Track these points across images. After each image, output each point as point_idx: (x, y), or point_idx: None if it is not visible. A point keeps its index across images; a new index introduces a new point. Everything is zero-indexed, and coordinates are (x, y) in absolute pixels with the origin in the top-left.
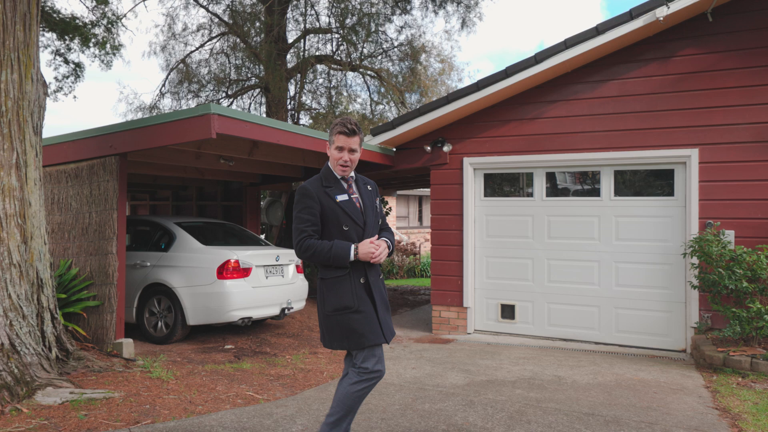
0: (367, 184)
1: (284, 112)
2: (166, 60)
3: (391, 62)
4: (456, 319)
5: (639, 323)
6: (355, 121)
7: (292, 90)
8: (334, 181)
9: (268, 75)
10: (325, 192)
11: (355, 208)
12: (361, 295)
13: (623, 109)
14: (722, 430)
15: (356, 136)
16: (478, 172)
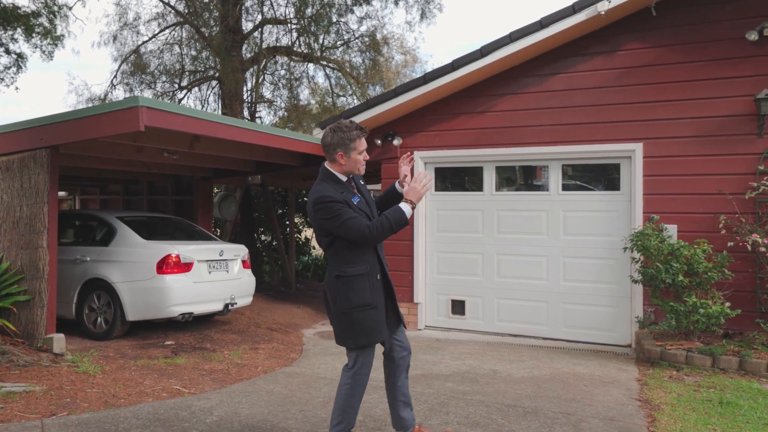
0: (359, 179)
1: (239, 105)
2: (117, 50)
3: (352, 54)
4: (407, 315)
5: (586, 318)
6: (359, 125)
7: (251, 82)
8: (343, 185)
9: (222, 67)
10: (344, 196)
11: (366, 207)
12: (378, 291)
13: (570, 103)
14: (637, 419)
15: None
16: (429, 166)
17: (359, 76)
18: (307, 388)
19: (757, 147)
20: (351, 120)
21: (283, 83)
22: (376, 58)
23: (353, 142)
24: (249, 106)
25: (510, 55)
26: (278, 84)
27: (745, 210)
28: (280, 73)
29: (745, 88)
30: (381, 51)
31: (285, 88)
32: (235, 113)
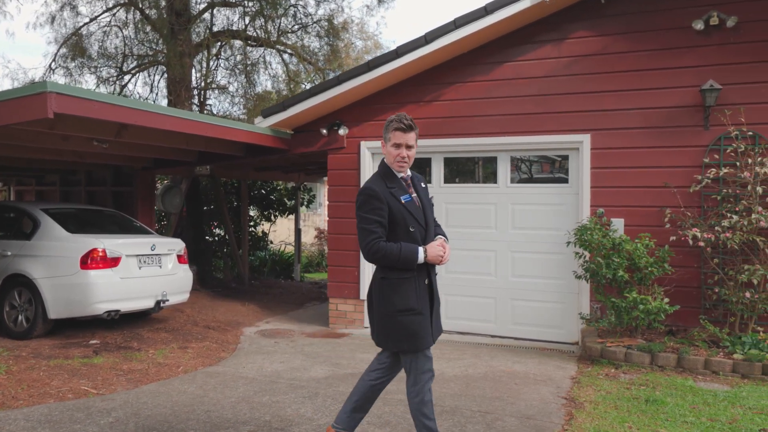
0: (421, 181)
1: (186, 92)
2: (56, 32)
3: (310, 39)
4: (353, 313)
5: (534, 315)
6: (408, 117)
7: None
8: (396, 181)
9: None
10: (391, 193)
11: (417, 209)
12: (423, 297)
13: (519, 93)
14: (555, 417)
15: (412, 132)
16: (376, 156)
17: (318, 62)
18: (222, 388)
19: (704, 139)
20: (404, 114)
21: (240, 69)
22: (335, 43)
23: (389, 132)
24: (198, 93)
25: (455, 43)
26: (234, 70)
27: (691, 204)
28: (236, 59)
29: (692, 78)
30: (340, 36)
31: (242, 75)
32: (182, 101)
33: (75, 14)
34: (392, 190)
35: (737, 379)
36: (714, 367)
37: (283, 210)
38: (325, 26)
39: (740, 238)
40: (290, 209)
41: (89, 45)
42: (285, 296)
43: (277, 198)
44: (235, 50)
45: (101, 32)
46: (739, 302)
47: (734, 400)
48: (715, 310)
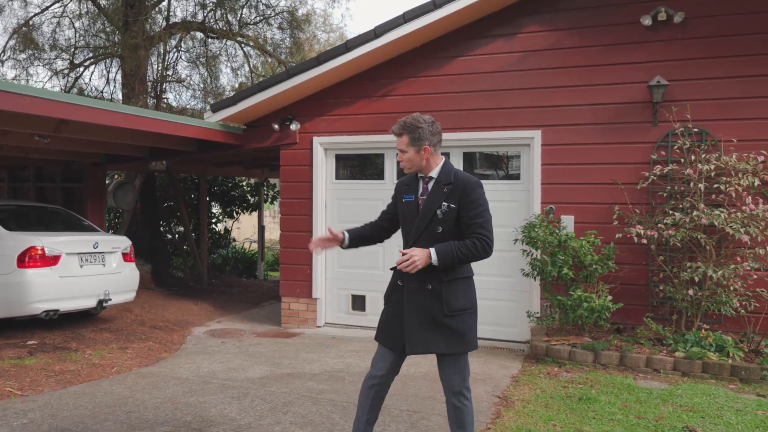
0: (448, 185)
1: (141, 85)
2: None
3: (272, 32)
4: (305, 312)
5: (488, 314)
6: (404, 122)
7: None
8: (414, 181)
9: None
10: (402, 190)
11: (411, 210)
12: (392, 294)
13: (471, 88)
14: (482, 416)
15: (402, 136)
16: (329, 152)
17: (280, 55)
18: (151, 389)
19: (652, 135)
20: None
21: (201, 62)
22: (298, 35)
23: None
24: (155, 86)
25: (406, 37)
26: (196, 63)
27: (639, 201)
28: (197, 51)
29: (641, 74)
30: (303, 28)
31: (203, 68)
32: (136, 94)
33: (25, 4)
34: (405, 188)
35: (677, 377)
36: (655, 365)
37: (247, 206)
38: (287, 18)
39: (683, 236)
40: (254, 206)
41: (40, 36)
42: (243, 295)
43: (240, 194)
44: (197, 42)
45: (53, 23)
46: (683, 300)
47: (668, 398)
48: (663, 308)
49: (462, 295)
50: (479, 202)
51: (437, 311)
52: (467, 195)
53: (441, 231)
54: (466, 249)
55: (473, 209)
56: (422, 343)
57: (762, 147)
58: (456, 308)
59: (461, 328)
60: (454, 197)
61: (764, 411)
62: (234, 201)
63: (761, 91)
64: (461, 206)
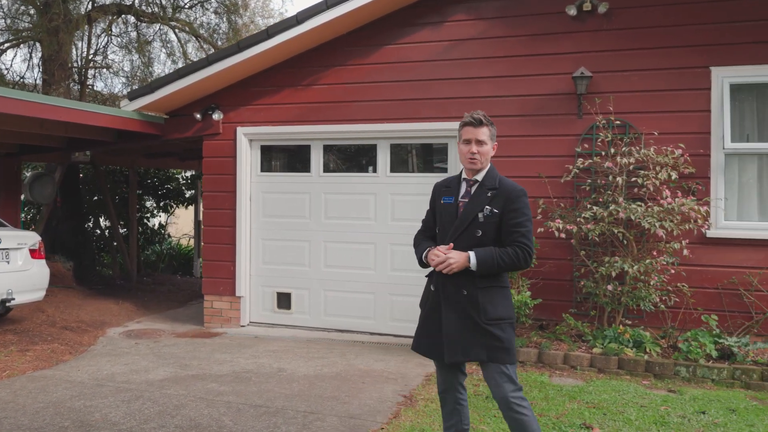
0: (493, 190)
1: (62, 70)
2: None
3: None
4: (229, 310)
5: (413, 311)
6: (482, 113)
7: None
8: (454, 183)
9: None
10: (441, 192)
11: (450, 213)
12: (426, 301)
13: (399, 78)
14: (380, 416)
15: (484, 127)
16: (254, 143)
17: (217, 41)
18: (38, 393)
19: (577, 128)
20: (477, 110)
21: (135, 47)
22: (235, 21)
23: (460, 130)
24: (79, 71)
25: (330, 24)
26: (128, 48)
27: (564, 194)
28: (130, 36)
29: (567, 65)
30: (240, 13)
31: (136, 53)
32: (57, 80)
33: None
34: (444, 189)
35: (593, 374)
36: (572, 362)
37: (183, 200)
38: (223, 2)
39: (602, 230)
40: (190, 200)
41: None
42: (172, 294)
43: (175, 187)
44: (129, 27)
45: None
46: (603, 296)
47: (576, 395)
48: (586, 304)
49: (500, 304)
50: (523, 210)
51: (476, 318)
52: (511, 202)
53: (480, 235)
54: (507, 257)
55: (516, 217)
56: (461, 351)
57: (682, 140)
58: (494, 317)
59: (503, 337)
60: (497, 203)
61: (668, 406)
62: (169, 195)
63: (682, 83)
64: (504, 213)
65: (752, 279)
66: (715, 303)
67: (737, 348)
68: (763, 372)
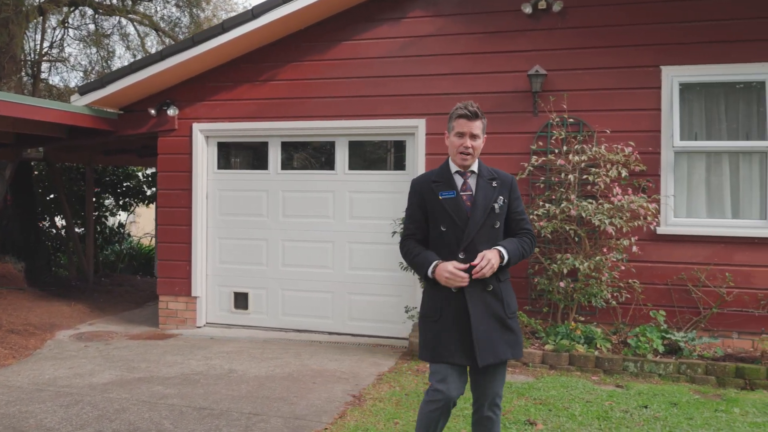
0: (494, 180)
1: (12, 63)
2: None
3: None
4: (185, 311)
5: (371, 310)
6: (475, 106)
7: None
8: (446, 177)
9: None
10: (431, 188)
11: (458, 206)
12: (446, 306)
13: (357, 74)
14: (326, 417)
15: (478, 120)
16: (211, 140)
17: (178, 34)
18: None
19: (532, 125)
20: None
21: (93, 40)
22: (197, 14)
23: (452, 121)
24: (32, 65)
25: (287, 18)
26: (86, 41)
27: (520, 191)
28: (89, 28)
29: (523, 63)
30: (202, 6)
31: (94, 47)
32: (7, 74)
33: None
34: (434, 185)
35: (545, 370)
36: (525, 359)
37: (143, 198)
38: None
39: (554, 227)
40: (151, 198)
41: None
42: (130, 294)
43: (135, 185)
44: (87, 19)
45: None
46: (556, 292)
47: (525, 392)
48: (540, 301)
49: (513, 296)
50: (520, 198)
51: (501, 313)
52: (514, 190)
53: (498, 226)
54: (527, 246)
55: (519, 205)
56: (492, 352)
57: (634, 138)
58: (513, 310)
59: (517, 330)
60: (504, 192)
61: (612, 402)
62: (128, 193)
63: (634, 82)
64: (510, 201)
65: (700, 275)
66: (665, 299)
67: (684, 343)
68: (707, 366)
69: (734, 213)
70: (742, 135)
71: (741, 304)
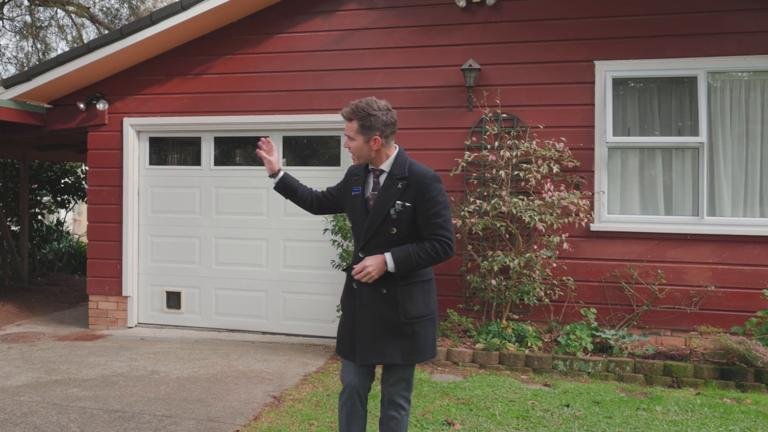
0: (403, 181)
1: None
2: None
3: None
4: (115, 311)
5: (306, 309)
6: (356, 105)
7: None
8: (363, 171)
9: None
10: (352, 180)
11: (358, 206)
12: (347, 299)
13: (291, 68)
14: (241, 418)
15: (352, 122)
16: (142, 135)
17: (117, 26)
18: None
19: (467, 121)
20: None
21: (30, 32)
22: (137, 5)
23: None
24: None
25: (218, 10)
26: (23, 33)
27: (455, 188)
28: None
29: (457, 57)
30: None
31: (30, 38)
32: None
33: None
34: (355, 178)
35: (474, 370)
36: (455, 358)
37: (82, 195)
38: None
39: (485, 224)
40: None
41: None
42: (64, 294)
43: (74, 182)
44: (23, 10)
45: None
46: (489, 290)
47: (450, 391)
48: (474, 299)
49: (420, 301)
50: (437, 199)
51: (393, 318)
52: (423, 192)
53: (395, 232)
54: (425, 254)
55: (431, 208)
56: (375, 353)
57: (567, 133)
58: (413, 315)
59: (419, 336)
60: (409, 194)
61: (536, 401)
62: (67, 189)
63: (568, 77)
64: (418, 204)
65: (633, 272)
66: (599, 296)
67: (614, 341)
68: (636, 364)
69: (667, 209)
70: (675, 131)
71: (673, 301)
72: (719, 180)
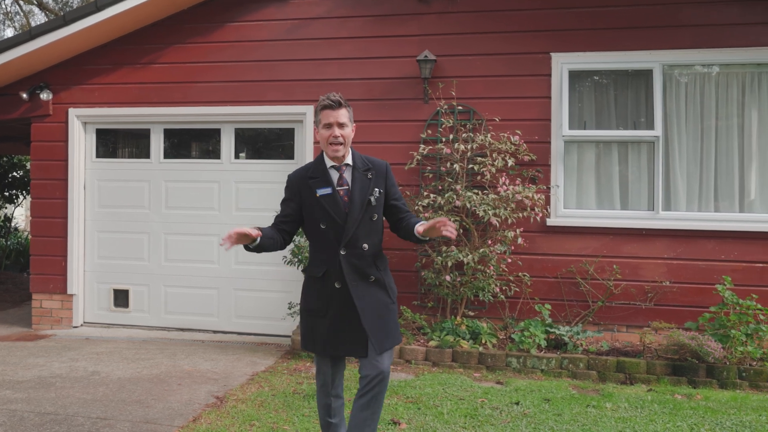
0: (369, 171)
1: None
2: None
3: None
4: (60, 310)
5: (258, 307)
6: (338, 95)
7: None
8: (321, 172)
9: None
10: (308, 184)
11: (336, 203)
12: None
13: (243, 58)
14: (180, 419)
15: (342, 108)
16: (89, 126)
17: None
18: None
19: (423, 113)
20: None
21: None
22: None
23: (318, 115)
24: None
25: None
26: None
27: (410, 182)
28: None
29: (414, 48)
30: None
31: None
32: None
33: None
34: (311, 181)
35: (428, 368)
36: (408, 356)
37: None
38: None
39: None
40: None
41: None
42: (9, 293)
43: (23, 176)
44: None
45: None
46: (443, 287)
47: (400, 390)
48: (429, 295)
49: (393, 284)
50: (395, 183)
51: (386, 300)
52: (387, 178)
53: (376, 218)
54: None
55: (396, 192)
56: (390, 337)
57: (524, 126)
58: (395, 295)
59: (395, 317)
60: (380, 182)
61: (486, 399)
62: (15, 184)
63: (524, 69)
64: (387, 189)
65: (589, 267)
66: (555, 292)
67: (569, 337)
68: (589, 361)
69: (623, 204)
70: (632, 124)
71: (629, 296)
72: (675, 174)
